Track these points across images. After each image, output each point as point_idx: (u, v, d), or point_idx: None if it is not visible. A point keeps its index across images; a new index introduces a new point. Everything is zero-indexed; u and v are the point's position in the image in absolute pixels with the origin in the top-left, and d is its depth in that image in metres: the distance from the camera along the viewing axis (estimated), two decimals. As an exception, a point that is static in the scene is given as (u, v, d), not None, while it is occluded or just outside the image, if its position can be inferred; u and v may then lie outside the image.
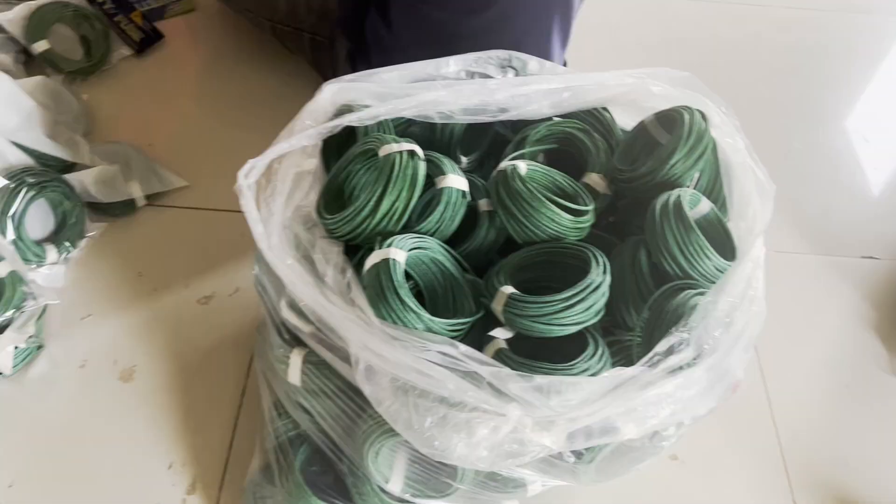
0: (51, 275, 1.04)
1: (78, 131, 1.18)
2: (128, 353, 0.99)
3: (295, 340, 0.80)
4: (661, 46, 1.57)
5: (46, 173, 1.05)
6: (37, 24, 1.28)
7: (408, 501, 0.77)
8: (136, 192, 1.13)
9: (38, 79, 1.18)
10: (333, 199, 0.80)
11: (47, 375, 0.96)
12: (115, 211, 1.12)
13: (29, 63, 1.32)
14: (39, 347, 0.97)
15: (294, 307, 0.78)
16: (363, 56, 1.19)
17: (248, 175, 0.77)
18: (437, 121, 0.82)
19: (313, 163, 0.81)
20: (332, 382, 0.76)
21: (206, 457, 0.91)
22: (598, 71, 0.85)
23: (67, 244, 1.06)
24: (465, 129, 0.88)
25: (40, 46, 1.27)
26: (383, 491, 0.77)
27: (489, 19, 1.09)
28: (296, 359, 0.78)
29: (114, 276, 1.07)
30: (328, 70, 1.29)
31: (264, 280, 0.85)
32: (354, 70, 1.20)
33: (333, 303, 0.70)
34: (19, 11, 1.28)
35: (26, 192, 1.01)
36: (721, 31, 1.62)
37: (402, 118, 0.83)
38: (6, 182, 1.00)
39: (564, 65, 1.23)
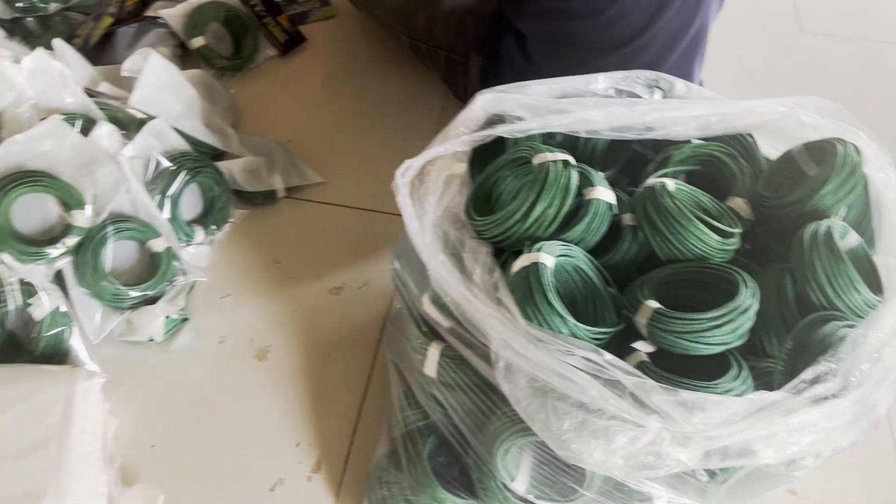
0: (196, 254, 1.11)
1: (227, 123, 1.26)
2: (263, 334, 1.05)
3: (433, 334, 0.83)
4: (794, 78, 1.55)
5: (202, 159, 1.13)
6: (195, 21, 1.37)
7: (530, 502, 0.79)
8: (278, 184, 1.20)
9: (196, 71, 1.27)
10: (481, 202, 0.83)
11: (190, 347, 1.03)
12: (257, 200, 1.19)
13: (184, 57, 1.41)
14: (185, 320, 1.04)
15: (436, 302, 0.81)
16: (496, 74, 1.23)
17: (405, 174, 0.81)
18: (583, 135, 0.84)
19: (463, 167, 0.85)
20: (468, 377, 0.79)
21: (331, 439, 0.95)
22: (730, 96, 0.86)
23: (213, 227, 1.13)
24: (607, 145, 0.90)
25: (197, 42, 1.37)
26: (507, 489, 0.79)
27: (624, 55, 1.12)
28: (433, 352, 0.81)
29: (252, 261, 1.13)
30: (459, 85, 1.33)
31: (405, 275, 0.89)
32: (486, 87, 1.26)
33: (480, 300, 0.73)
34: (181, 8, 1.38)
35: (184, 176, 1.09)
36: (858, 67, 1.58)
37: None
38: (168, 164, 1.08)
39: (700, 83, 1.23)
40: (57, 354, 0.96)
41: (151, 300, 1.02)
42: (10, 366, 0.92)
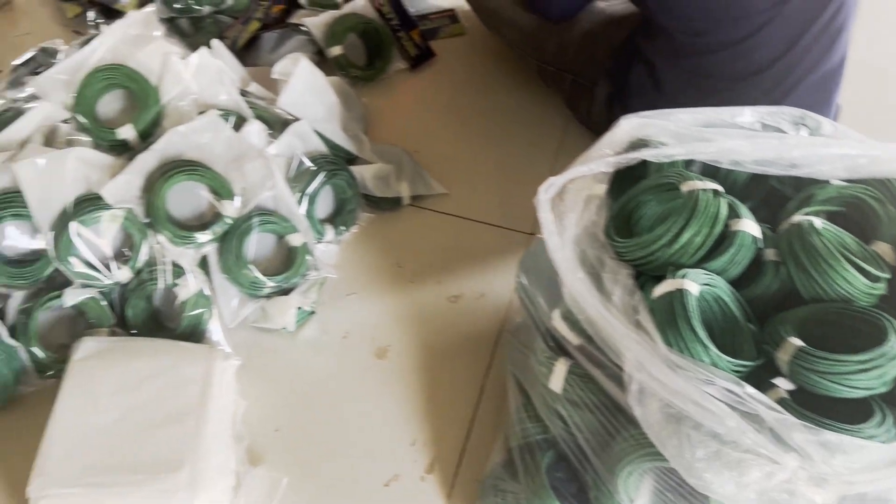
0: (326, 252, 1.16)
1: (360, 130, 1.32)
2: (384, 333, 1.09)
3: (560, 350, 0.85)
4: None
5: (338, 162, 1.19)
6: (335, 31, 1.44)
7: (647, 526, 0.79)
8: (405, 191, 1.24)
9: (336, 79, 1.34)
10: (621, 224, 0.84)
11: (316, 339, 1.08)
12: (384, 205, 1.24)
13: (320, 64, 1.48)
14: (312, 313, 1.09)
15: (568, 318, 0.83)
16: (622, 101, 1.24)
17: (548, 190, 0.83)
18: (725, 166, 0.85)
19: (603, 188, 0.86)
20: (595, 396, 0.80)
21: (445, 441, 0.98)
22: (871, 135, 0.85)
23: (342, 227, 1.18)
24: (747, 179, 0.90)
25: (335, 51, 1.43)
26: (625, 510, 0.79)
27: (759, 82, 1.11)
28: (560, 368, 0.83)
29: (376, 263, 1.18)
30: (583, 109, 1.35)
31: (533, 289, 0.91)
32: (611, 112, 1.27)
33: (617, 321, 0.74)
34: (323, 18, 1.45)
35: (322, 177, 1.14)
36: None
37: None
38: (309, 164, 1.13)
39: (838, 108, 1.21)
40: (195, 334, 1.02)
41: (285, 291, 1.07)
42: (156, 340, 0.99)
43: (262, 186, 1.06)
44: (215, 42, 1.20)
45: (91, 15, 1.53)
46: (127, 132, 1.04)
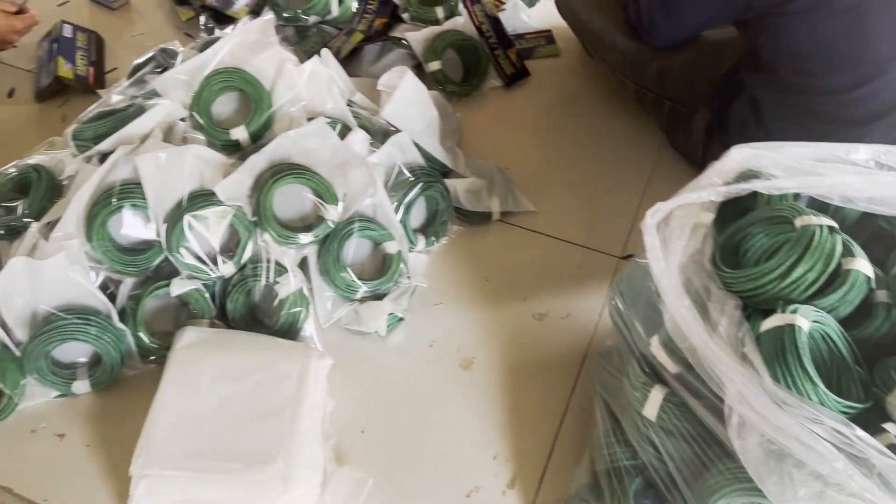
0: (416, 261, 1.18)
1: (455, 143, 1.34)
2: (469, 345, 1.10)
3: (655, 376, 0.85)
4: None
5: (434, 174, 1.21)
6: (435, 46, 1.47)
7: (735, 561, 0.78)
8: (495, 207, 1.26)
9: (434, 93, 1.36)
10: (728, 255, 0.83)
11: (403, 345, 1.10)
12: (474, 219, 1.26)
13: (417, 77, 1.51)
14: (401, 320, 1.11)
15: (667, 345, 0.82)
16: (722, 132, 1.23)
17: (654, 215, 0.83)
18: (836, 203, 0.83)
19: (710, 217, 0.86)
20: (690, 426, 0.80)
21: (527, 458, 0.98)
22: None
23: (433, 238, 1.20)
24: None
25: (433, 66, 1.46)
26: (715, 543, 0.78)
27: (870, 131, 1.08)
28: (656, 395, 0.82)
29: (464, 276, 1.19)
30: (679, 136, 1.34)
31: (629, 314, 0.91)
32: (708, 141, 1.26)
33: (722, 352, 0.73)
34: (425, 33, 1.48)
35: (419, 188, 1.16)
36: None
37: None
38: (408, 175, 1.16)
39: None
40: (291, 331, 1.05)
41: (377, 296, 1.10)
42: (254, 334, 1.02)
43: (364, 193, 1.09)
44: (325, 52, 1.24)
45: (203, 19, 1.61)
46: (239, 133, 1.09)
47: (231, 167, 1.07)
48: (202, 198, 1.02)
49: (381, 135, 1.21)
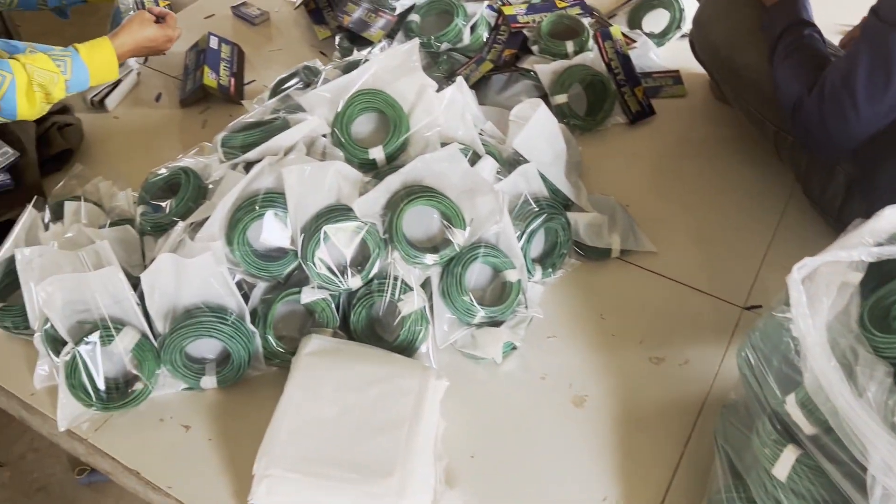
0: (532, 291, 1.18)
1: (578, 177, 1.35)
2: (582, 381, 1.09)
3: (788, 436, 0.82)
4: None
5: (556, 206, 1.21)
6: (563, 80, 1.48)
7: None
8: (616, 244, 1.25)
9: (561, 125, 1.37)
10: (878, 317, 0.80)
11: (515, 375, 1.10)
12: (592, 255, 1.25)
13: (542, 109, 1.53)
14: (514, 348, 1.12)
15: (805, 405, 0.79)
16: (865, 189, 1.17)
17: (801, 270, 0.81)
18: None
19: (858, 277, 0.83)
20: (825, 491, 0.76)
21: None
22: None
23: (550, 269, 1.20)
24: None
25: (560, 99, 1.47)
26: None
27: None
28: (788, 455, 0.80)
29: (579, 311, 1.19)
30: (816, 186, 1.28)
31: (761, 368, 0.88)
32: (847, 196, 1.21)
33: (869, 418, 0.70)
34: (554, 66, 1.50)
35: (542, 218, 1.17)
36: None
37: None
38: (533, 205, 1.17)
39: None
40: (409, 349, 1.07)
41: (494, 323, 1.11)
42: (375, 348, 1.05)
43: (490, 220, 1.10)
44: (460, 79, 1.27)
45: (338, 39, 1.67)
46: (377, 153, 1.13)
47: (366, 184, 1.11)
48: (339, 212, 1.06)
49: (507, 163, 1.22)
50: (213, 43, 1.65)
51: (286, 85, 1.35)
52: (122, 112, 1.58)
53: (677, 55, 1.68)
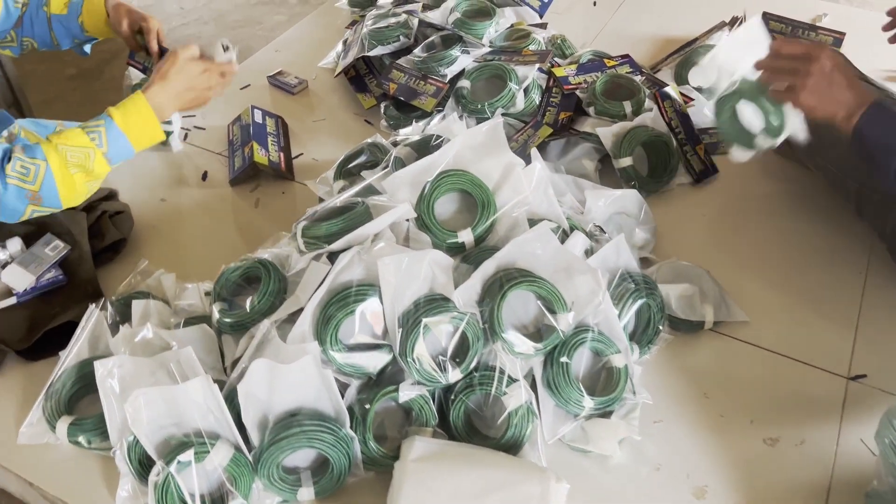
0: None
1: (654, 244, 1.30)
2: (699, 470, 1.03)
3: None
4: None
5: (649, 280, 1.16)
6: (626, 142, 1.44)
7: None
8: (709, 316, 1.19)
9: (633, 191, 1.33)
10: None
11: (628, 467, 1.03)
12: (683, 328, 1.20)
13: (602, 171, 1.49)
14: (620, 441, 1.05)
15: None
16: None
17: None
18: None
19: None
20: None
21: None
22: None
23: (647, 348, 1.14)
24: None
25: (625, 162, 1.43)
26: None
27: None
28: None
29: (681, 390, 1.13)
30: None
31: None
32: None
33: None
34: (615, 129, 1.46)
35: (637, 294, 1.12)
36: None
37: None
38: (629, 281, 1.12)
39: None
40: (516, 445, 1.01)
41: (603, 413, 1.04)
42: (484, 449, 0.98)
43: (591, 301, 1.05)
44: (534, 151, 1.22)
45: (383, 108, 1.63)
46: (466, 236, 1.08)
47: (456, 270, 1.05)
48: (437, 302, 1.00)
49: (595, 238, 1.18)
50: (258, 117, 1.60)
51: (353, 164, 1.30)
52: (168, 194, 1.51)
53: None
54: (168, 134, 1.57)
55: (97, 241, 1.31)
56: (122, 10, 1.41)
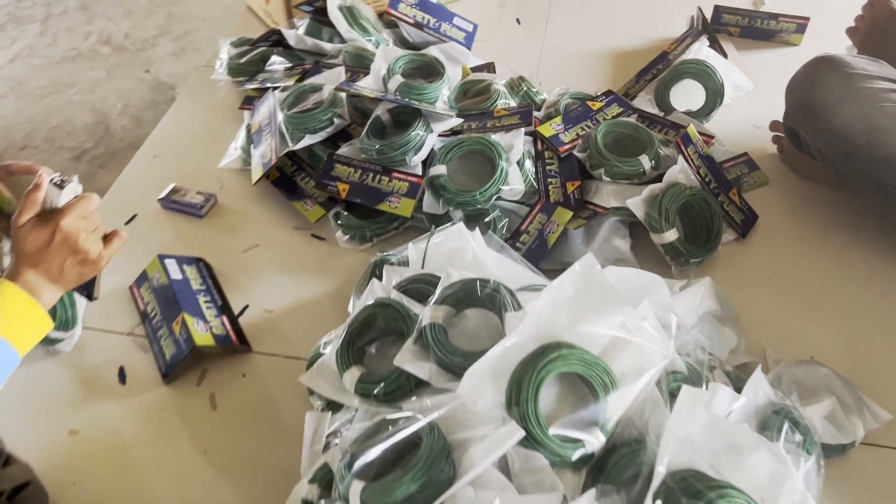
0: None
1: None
2: None
3: None
4: None
5: (794, 406, 0.89)
6: (663, 209, 1.15)
7: None
8: (860, 430, 0.95)
9: (707, 278, 1.05)
10: None
11: None
12: (829, 452, 0.94)
13: (635, 247, 1.20)
14: None
15: None
16: None
17: None
18: None
19: None
20: None
21: None
22: None
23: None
24: None
25: (670, 236, 1.15)
26: None
27: None
28: None
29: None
30: None
31: None
32: None
33: None
34: (645, 195, 1.17)
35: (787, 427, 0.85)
36: None
37: None
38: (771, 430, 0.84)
39: None
40: None
41: None
42: None
43: (780, 493, 0.76)
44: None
45: (338, 218, 1.25)
46: (592, 443, 0.74)
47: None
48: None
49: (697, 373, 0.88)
50: (173, 270, 1.15)
51: (365, 340, 0.92)
52: (78, 420, 1.03)
53: (737, 130, 1.44)
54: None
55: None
56: None
